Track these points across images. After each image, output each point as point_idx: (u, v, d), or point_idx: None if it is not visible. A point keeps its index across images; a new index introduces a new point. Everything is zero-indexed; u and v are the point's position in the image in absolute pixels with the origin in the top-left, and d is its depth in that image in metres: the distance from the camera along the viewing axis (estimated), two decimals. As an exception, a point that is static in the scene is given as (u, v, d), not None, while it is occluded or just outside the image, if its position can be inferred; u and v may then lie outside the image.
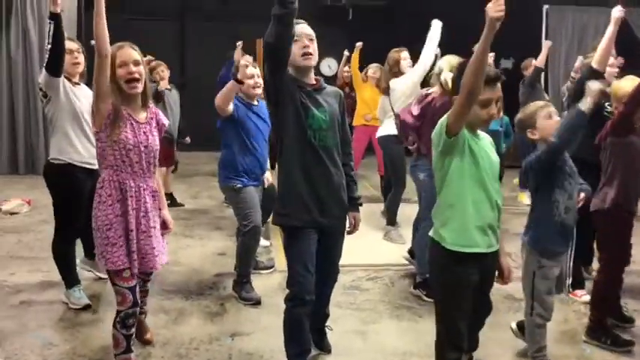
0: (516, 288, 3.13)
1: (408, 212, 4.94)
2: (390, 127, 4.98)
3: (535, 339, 2.82)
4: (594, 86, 2.70)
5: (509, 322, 3.21)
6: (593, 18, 9.00)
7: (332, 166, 2.67)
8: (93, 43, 2.53)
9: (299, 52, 2.60)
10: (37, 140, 7.97)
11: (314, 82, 2.69)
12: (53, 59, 3.29)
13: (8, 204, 5.92)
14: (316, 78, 2.71)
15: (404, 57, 4.88)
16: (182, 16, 10.86)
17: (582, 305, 3.66)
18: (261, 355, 3.02)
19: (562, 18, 9.37)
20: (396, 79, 4.81)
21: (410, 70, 4.78)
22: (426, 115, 3.69)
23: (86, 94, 3.47)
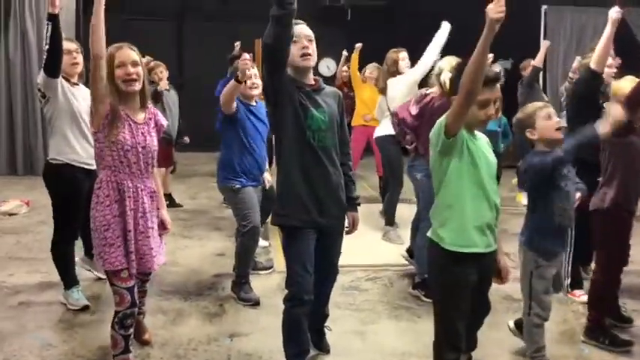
0: (515, 288, 3.13)
1: (407, 212, 4.94)
2: (388, 128, 4.97)
3: (533, 339, 2.82)
4: (617, 113, 2.66)
5: (507, 322, 3.21)
6: (591, 18, 9.01)
7: (331, 167, 2.67)
8: None
9: (298, 53, 2.59)
10: (36, 141, 7.96)
11: (313, 83, 2.69)
12: (51, 60, 3.29)
13: (7, 205, 5.91)
14: (315, 78, 2.71)
15: (402, 57, 4.87)
16: (181, 17, 10.85)
17: (581, 305, 3.65)
18: (259, 356, 3.02)
19: (560, 18, 9.38)
20: (395, 78, 4.81)
21: (409, 71, 4.77)
22: (425, 115, 3.69)
23: (84, 95, 3.46)
